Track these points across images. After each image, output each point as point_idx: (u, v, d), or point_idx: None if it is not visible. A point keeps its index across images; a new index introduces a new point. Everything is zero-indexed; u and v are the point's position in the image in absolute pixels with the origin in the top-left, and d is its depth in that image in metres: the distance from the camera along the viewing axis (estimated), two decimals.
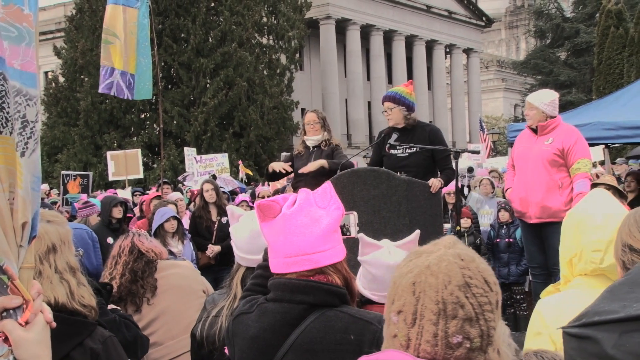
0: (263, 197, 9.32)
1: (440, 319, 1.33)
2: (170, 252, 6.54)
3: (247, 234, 2.83)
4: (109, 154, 17.30)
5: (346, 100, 43.82)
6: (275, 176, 6.69)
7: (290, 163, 6.52)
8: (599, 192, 2.54)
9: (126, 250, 3.84)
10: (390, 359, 1.37)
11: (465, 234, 7.87)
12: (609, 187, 6.53)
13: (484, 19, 53.64)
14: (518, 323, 8.15)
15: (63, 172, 16.67)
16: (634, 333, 1.03)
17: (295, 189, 6.38)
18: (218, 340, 2.78)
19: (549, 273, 6.13)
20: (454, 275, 1.35)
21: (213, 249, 7.71)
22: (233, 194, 13.05)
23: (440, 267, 1.37)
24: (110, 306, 3.37)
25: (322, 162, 6.06)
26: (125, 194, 13.39)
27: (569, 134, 6.10)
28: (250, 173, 22.94)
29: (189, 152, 18.60)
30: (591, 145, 11.94)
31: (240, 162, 23.11)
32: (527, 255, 6.72)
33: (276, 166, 6.42)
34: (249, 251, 2.82)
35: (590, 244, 2.32)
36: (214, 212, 7.99)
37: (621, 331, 1.05)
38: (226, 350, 2.33)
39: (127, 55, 9.33)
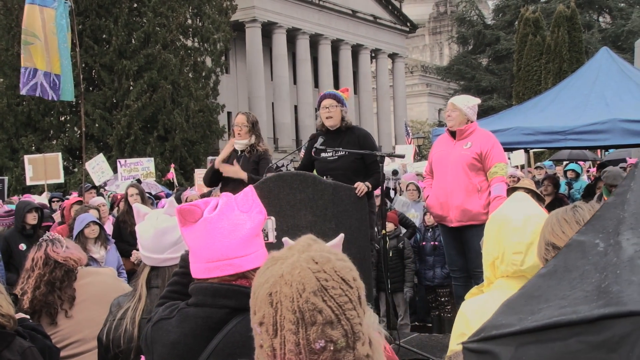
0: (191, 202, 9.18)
1: (299, 327, 1.32)
2: (92, 259, 6.37)
3: (152, 233, 2.79)
4: (26, 157, 16.65)
5: (273, 103, 43.76)
6: (216, 179, 6.65)
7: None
8: (519, 196, 2.60)
9: (40, 263, 3.59)
10: None
11: (388, 238, 7.95)
12: (528, 191, 6.73)
13: (408, 24, 54.57)
14: (443, 325, 8.28)
15: None
16: (530, 345, 1.04)
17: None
18: (123, 342, 2.71)
19: (469, 275, 6.25)
20: (308, 282, 1.33)
21: (137, 255, 7.53)
22: (157, 198, 12.82)
23: (294, 275, 1.34)
24: (19, 315, 3.21)
25: (244, 176, 6.08)
26: (42, 199, 12.93)
27: (487, 139, 6.28)
28: (175, 179, 22.56)
29: (95, 164, 17.19)
30: (511, 149, 12.29)
31: (172, 165, 22.73)
32: (447, 259, 6.84)
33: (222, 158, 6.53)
34: (153, 250, 2.79)
35: (511, 247, 2.37)
36: None
37: (517, 344, 1.06)
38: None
39: (49, 56, 9.10)
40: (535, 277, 1.16)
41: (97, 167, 17.01)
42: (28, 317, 3.30)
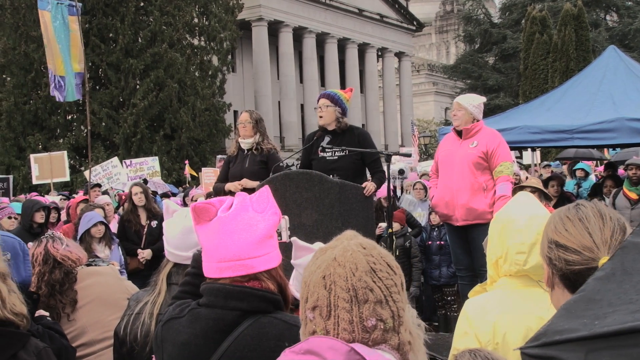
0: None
1: (353, 305, 1.42)
2: (96, 257, 6.38)
3: (179, 230, 2.80)
4: (32, 156, 16.67)
5: (279, 102, 43.77)
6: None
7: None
8: (523, 196, 2.61)
9: (40, 259, 3.52)
10: (314, 344, 1.42)
11: (395, 237, 7.94)
12: (534, 190, 6.72)
13: (414, 23, 54.48)
14: (449, 324, 8.26)
15: None
16: (602, 351, 1.01)
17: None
18: (140, 335, 2.71)
19: (475, 274, 6.24)
20: (360, 262, 1.44)
21: (144, 254, 7.53)
22: (164, 196, 12.85)
23: (346, 257, 1.45)
24: (40, 312, 3.20)
25: (252, 184, 5.99)
26: (54, 199, 12.96)
27: (493, 137, 6.26)
28: (196, 174, 22.61)
29: (106, 168, 16.56)
30: (518, 148, 12.22)
31: (187, 161, 22.72)
32: (453, 258, 6.83)
33: (231, 187, 6.22)
34: (179, 247, 2.80)
35: (515, 246, 2.38)
36: (143, 215, 7.81)
37: (587, 350, 1.03)
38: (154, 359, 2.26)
39: (53, 58, 9.24)
40: (592, 279, 1.12)
41: (107, 172, 16.47)
42: (47, 315, 3.27)
